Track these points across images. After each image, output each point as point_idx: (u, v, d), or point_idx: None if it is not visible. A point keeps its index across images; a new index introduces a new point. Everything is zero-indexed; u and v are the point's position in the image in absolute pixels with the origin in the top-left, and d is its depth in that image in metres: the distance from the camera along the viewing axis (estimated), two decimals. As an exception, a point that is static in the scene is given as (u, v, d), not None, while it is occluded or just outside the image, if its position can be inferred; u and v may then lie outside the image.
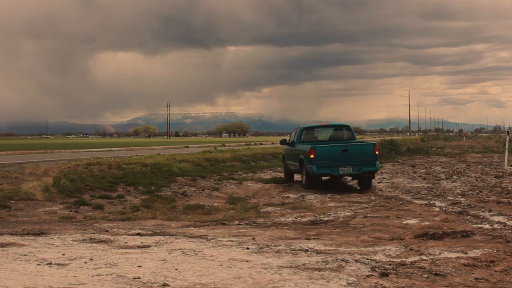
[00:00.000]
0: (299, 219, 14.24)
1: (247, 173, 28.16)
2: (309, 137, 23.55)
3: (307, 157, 20.69)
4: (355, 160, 20.64)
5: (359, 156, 20.78)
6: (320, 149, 20.71)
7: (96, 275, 8.05)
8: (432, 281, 7.87)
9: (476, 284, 7.76)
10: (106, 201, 17.96)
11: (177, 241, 11.02)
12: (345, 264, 8.79)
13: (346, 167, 20.56)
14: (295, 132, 24.00)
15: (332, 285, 7.59)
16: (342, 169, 20.58)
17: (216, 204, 17.85)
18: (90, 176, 21.00)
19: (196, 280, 7.78)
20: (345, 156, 20.65)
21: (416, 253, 9.73)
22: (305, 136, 23.42)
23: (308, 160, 20.64)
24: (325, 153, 20.71)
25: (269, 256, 9.42)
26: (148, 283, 7.63)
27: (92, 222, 14.23)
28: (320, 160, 20.47)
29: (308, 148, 20.71)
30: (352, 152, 20.82)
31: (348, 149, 20.89)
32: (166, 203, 17.70)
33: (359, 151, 21.10)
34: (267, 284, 7.58)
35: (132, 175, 22.20)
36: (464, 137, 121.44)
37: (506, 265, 8.82)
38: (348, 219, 14.16)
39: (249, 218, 14.69)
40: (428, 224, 12.91)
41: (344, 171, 20.63)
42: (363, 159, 20.74)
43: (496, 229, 12.24)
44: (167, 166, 25.14)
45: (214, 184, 22.92)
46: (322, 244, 10.61)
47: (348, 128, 24.47)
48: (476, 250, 10.02)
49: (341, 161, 20.59)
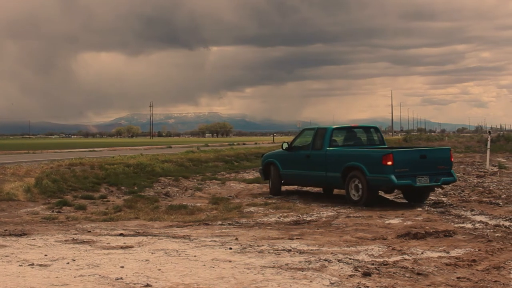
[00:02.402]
0: (282, 219, 14.25)
1: (230, 173, 28.16)
2: (341, 140, 19.23)
3: (377, 164, 16.58)
4: (433, 168, 16.98)
5: (437, 163, 17.20)
6: (399, 155, 16.78)
7: (79, 276, 8.01)
8: (414, 280, 7.90)
9: (458, 283, 7.79)
10: (88, 201, 17.90)
11: (160, 242, 11.00)
12: (328, 264, 8.80)
13: (423, 177, 16.65)
14: (317, 135, 18.95)
15: (315, 285, 7.60)
16: (419, 179, 16.58)
17: (199, 204, 17.83)
18: (72, 176, 20.92)
19: (179, 280, 7.77)
20: (422, 164, 16.88)
21: (398, 252, 9.77)
22: (336, 139, 19.11)
23: (379, 168, 16.48)
24: (404, 159, 16.75)
25: (252, 256, 9.42)
26: (131, 283, 7.61)
27: (74, 223, 14.18)
28: (398, 168, 16.40)
29: (382, 153, 16.74)
30: (430, 158, 17.15)
31: (426, 155, 17.18)
32: (149, 203, 17.67)
33: (438, 157, 17.50)
34: (250, 284, 7.58)
35: (115, 175, 22.13)
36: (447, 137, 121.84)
37: (488, 264, 8.87)
38: (331, 219, 14.19)
39: (232, 218, 14.68)
40: (410, 223, 12.96)
41: (422, 181, 16.62)
42: (440, 167, 17.18)
43: (478, 229, 12.31)
44: (150, 167, 25.07)
45: (197, 184, 22.89)
46: (305, 244, 10.62)
47: (378, 130, 20.40)
48: (458, 249, 10.07)
49: (418, 169, 16.72)
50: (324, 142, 18.45)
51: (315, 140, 18.88)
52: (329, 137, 18.44)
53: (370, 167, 16.67)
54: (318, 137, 18.78)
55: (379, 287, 7.52)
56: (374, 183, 16.61)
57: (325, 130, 18.76)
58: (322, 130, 18.97)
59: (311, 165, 18.80)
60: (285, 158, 20.10)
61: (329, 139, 18.43)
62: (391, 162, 16.30)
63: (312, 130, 19.71)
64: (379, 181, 16.56)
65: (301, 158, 19.25)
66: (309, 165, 18.88)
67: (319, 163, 18.42)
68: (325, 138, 18.46)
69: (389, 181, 16.23)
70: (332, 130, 18.76)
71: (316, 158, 18.57)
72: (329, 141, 18.40)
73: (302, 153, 19.29)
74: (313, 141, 18.95)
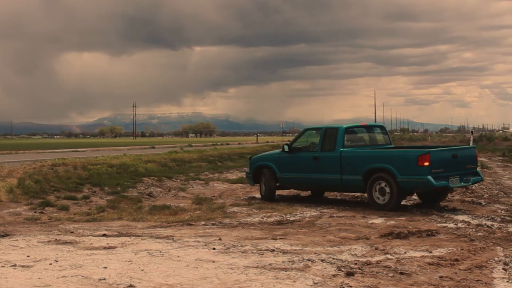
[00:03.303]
0: (265, 219, 14.25)
1: (214, 173, 28.11)
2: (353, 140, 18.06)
3: (411, 165, 15.50)
4: (462, 168, 16.18)
5: (466, 162, 16.40)
6: (435, 154, 15.69)
7: (61, 277, 7.99)
8: (397, 280, 7.93)
9: (440, 282, 7.83)
10: (71, 202, 17.81)
11: (143, 242, 10.98)
12: (311, 263, 8.82)
13: (454, 178, 15.71)
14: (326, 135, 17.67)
15: (298, 284, 7.61)
16: (452, 180, 15.61)
17: (183, 204, 17.80)
18: (55, 177, 20.81)
19: (162, 280, 7.76)
20: (454, 164, 16.01)
21: (381, 252, 9.80)
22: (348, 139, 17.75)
23: (413, 169, 15.40)
24: (439, 159, 15.67)
25: (235, 256, 9.43)
26: (114, 284, 7.59)
27: (57, 223, 14.12)
28: (435, 168, 15.33)
29: (418, 153, 15.71)
30: (460, 157, 16.29)
31: (457, 154, 16.29)
32: (132, 203, 17.62)
33: (467, 156, 16.65)
34: (233, 284, 7.58)
35: (98, 175, 22.05)
36: (430, 137, 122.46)
37: (470, 264, 8.92)
38: (314, 219, 14.21)
39: (216, 218, 14.67)
40: (393, 223, 13.01)
41: (454, 182, 15.69)
42: (468, 167, 16.41)
43: (460, 228, 12.39)
44: (133, 167, 25.00)
45: (180, 184, 22.84)
46: (289, 244, 10.63)
47: (385, 129, 19.50)
48: (440, 249, 10.12)
49: (450, 169, 15.80)
50: (337, 142, 17.15)
51: (324, 141, 17.58)
52: (342, 137, 17.18)
53: (401, 168, 15.56)
54: (328, 138, 17.52)
55: (362, 286, 7.54)
56: (407, 185, 15.58)
57: (336, 130, 17.46)
58: (333, 129, 17.67)
59: (320, 168, 17.45)
60: (284, 161, 18.60)
61: (342, 139, 17.17)
62: (428, 163, 15.22)
63: (317, 130, 18.65)
64: (413, 184, 15.53)
65: (306, 161, 17.90)
66: (317, 168, 17.52)
67: (332, 166, 17.10)
68: (338, 139, 17.18)
69: (427, 183, 15.14)
70: (344, 130, 17.43)
71: (328, 160, 17.25)
72: (342, 142, 17.14)
73: (307, 155, 17.97)
74: (322, 142, 17.61)
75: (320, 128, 18.30)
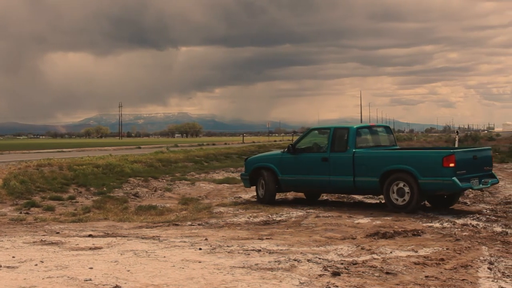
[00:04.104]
0: (251, 219, 14.25)
1: (200, 173, 28.07)
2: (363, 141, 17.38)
3: (435, 166, 15.01)
4: (481, 170, 15.75)
5: (484, 164, 15.99)
6: (460, 155, 15.22)
7: (47, 278, 7.96)
8: (383, 279, 7.95)
9: (426, 282, 7.86)
10: (57, 202, 17.75)
11: (129, 242, 10.96)
12: (298, 263, 8.83)
13: (474, 179, 15.24)
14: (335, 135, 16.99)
15: (284, 284, 7.62)
16: (472, 181, 15.15)
17: (169, 204, 17.78)
18: (40, 177, 20.73)
19: (148, 281, 7.75)
20: (474, 165, 15.58)
21: (367, 252, 9.83)
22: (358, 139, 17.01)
23: (437, 170, 14.91)
24: (463, 160, 15.22)
25: (221, 257, 9.42)
26: (100, 285, 7.57)
27: (42, 224, 14.07)
28: (459, 170, 14.86)
29: (442, 154, 15.22)
30: (480, 159, 15.90)
31: (477, 156, 15.89)
32: (118, 204, 17.58)
33: (484, 158, 16.20)
34: (219, 285, 7.58)
35: (84, 176, 21.98)
36: (415, 136, 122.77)
37: (456, 263, 8.96)
38: (300, 219, 14.22)
39: (202, 218, 14.66)
40: (379, 223, 13.04)
41: (474, 184, 15.21)
42: (486, 168, 16.00)
43: (446, 228, 12.44)
44: (119, 167, 24.93)
45: (166, 184, 22.80)
46: (275, 244, 10.64)
47: (390, 130, 19.16)
48: (426, 248, 10.15)
49: (471, 171, 15.37)
50: (348, 143, 16.52)
51: (334, 141, 16.86)
52: (354, 138, 16.56)
53: (423, 170, 15.04)
54: (338, 138, 16.86)
55: (349, 286, 7.56)
56: (429, 187, 15.06)
57: (347, 130, 16.84)
58: (343, 130, 17.02)
59: (330, 169, 16.71)
60: (288, 162, 17.67)
61: (354, 140, 16.54)
62: (453, 164, 14.73)
63: (324, 131, 18.04)
64: (437, 186, 14.99)
65: (313, 162, 17.13)
66: (326, 169, 16.78)
67: (343, 167, 16.46)
68: (350, 139, 16.57)
69: (453, 185, 14.65)
70: (356, 130, 16.83)
71: (339, 161, 16.58)
72: (354, 142, 16.50)
73: (314, 156, 17.22)
74: (331, 142, 16.85)
75: (328, 128, 17.55)
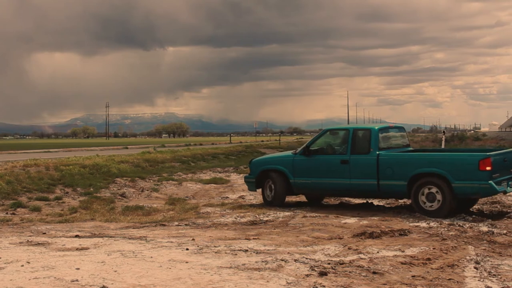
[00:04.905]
0: (239, 219, 14.25)
1: (187, 173, 28.06)
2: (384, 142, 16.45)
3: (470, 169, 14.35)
4: (509, 173, 15.19)
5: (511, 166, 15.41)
6: (495, 158, 14.60)
7: (34, 278, 7.94)
8: (370, 279, 7.97)
9: (413, 281, 7.88)
10: (43, 203, 17.69)
11: (116, 243, 10.93)
12: (285, 263, 8.83)
13: (503, 182, 14.72)
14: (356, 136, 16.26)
15: (271, 285, 7.62)
16: (503, 184, 14.69)
17: (156, 205, 17.75)
18: (27, 178, 20.66)
19: (135, 281, 7.74)
20: (504, 167, 15.10)
21: (354, 252, 9.84)
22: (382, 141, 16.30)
23: (473, 174, 14.27)
24: (497, 163, 14.64)
25: (208, 257, 9.42)
26: (87, 285, 7.55)
27: (29, 225, 14.02)
28: (494, 173, 14.35)
29: (478, 157, 14.46)
30: (509, 161, 15.37)
31: (506, 158, 15.33)
32: (104, 204, 17.53)
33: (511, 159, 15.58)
34: (206, 285, 7.58)
35: (70, 176, 21.92)
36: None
37: (442, 263, 8.99)
38: (287, 219, 14.23)
39: (189, 218, 14.65)
40: (366, 223, 13.07)
41: (504, 186, 14.68)
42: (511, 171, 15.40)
43: (432, 228, 12.48)
44: (106, 167, 24.89)
45: (153, 185, 22.77)
46: (262, 244, 10.64)
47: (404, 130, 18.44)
48: (413, 248, 10.18)
49: (503, 173, 14.88)
50: (371, 145, 15.79)
51: (354, 143, 16.10)
52: (376, 139, 15.88)
53: (457, 173, 14.41)
54: (359, 139, 16.16)
55: (336, 286, 7.57)
56: (464, 191, 14.43)
57: (369, 131, 16.13)
58: (364, 131, 16.37)
59: (350, 172, 15.95)
60: (301, 164, 16.85)
61: (377, 142, 15.85)
62: (490, 167, 14.17)
63: (340, 131, 17.42)
64: (473, 189, 14.36)
65: (331, 164, 16.34)
66: (346, 172, 16.00)
67: (366, 170, 15.73)
68: (372, 141, 15.85)
69: (490, 188, 14.10)
70: (378, 131, 16.12)
71: (361, 163, 15.85)
72: (377, 144, 15.81)
73: (332, 158, 16.46)
74: (352, 144, 16.08)
75: (347, 129, 16.80)
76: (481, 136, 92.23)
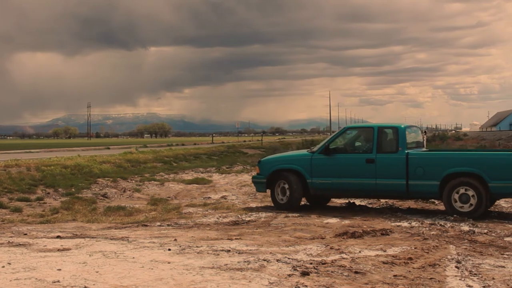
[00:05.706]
0: (221, 219, 14.24)
1: (169, 174, 28.00)
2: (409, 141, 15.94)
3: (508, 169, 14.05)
4: None
5: None
6: None
7: (15, 280, 7.89)
8: (352, 279, 8.00)
9: (395, 281, 7.91)
10: (24, 203, 17.57)
11: (97, 244, 10.89)
12: (267, 263, 8.84)
13: None
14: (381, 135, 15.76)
15: (254, 285, 7.63)
16: None
17: (138, 205, 17.70)
18: (8, 178, 20.54)
19: (117, 282, 7.72)
20: None
21: (336, 251, 9.87)
22: None
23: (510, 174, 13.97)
24: None
25: (191, 257, 9.41)
26: (68, 286, 7.53)
27: (10, 226, 13.93)
28: None
29: None
30: None
31: None
32: (86, 205, 17.45)
33: None
34: (189, 285, 7.57)
35: (52, 177, 21.81)
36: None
37: (424, 262, 9.03)
38: (269, 219, 14.23)
39: (171, 219, 14.62)
40: (348, 223, 13.10)
41: None
42: None
43: (414, 227, 12.53)
44: (87, 168, 24.80)
45: (135, 185, 22.71)
46: (244, 244, 10.64)
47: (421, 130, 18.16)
48: (395, 247, 10.22)
49: None
50: (399, 143, 15.26)
51: (380, 141, 15.57)
52: (404, 138, 15.35)
53: (493, 173, 14.05)
54: (385, 138, 15.71)
55: (318, 286, 7.59)
56: (502, 191, 14.20)
57: (396, 130, 15.54)
58: (391, 129, 15.75)
59: (376, 172, 15.34)
60: (319, 164, 16.03)
61: (405, 140, 15.33)
62: None
63: (363, 129, 17.17)
64: (510, 189, 14.07)
65: (354, 164, 15.72)
66: (372, 172, 15.38)
67: (394, 169, 15.17)
68: (400, 139, 15.31)
69: None
70: (405, 129, 15.62)
71: (388, 162, 15.29)
72: (405, 143, 15.31)
73: (355, 157, 15.88)
74: (377, 142, 15.51)
75: (371, 127, 16.14)
76: (462, 136, 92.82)
